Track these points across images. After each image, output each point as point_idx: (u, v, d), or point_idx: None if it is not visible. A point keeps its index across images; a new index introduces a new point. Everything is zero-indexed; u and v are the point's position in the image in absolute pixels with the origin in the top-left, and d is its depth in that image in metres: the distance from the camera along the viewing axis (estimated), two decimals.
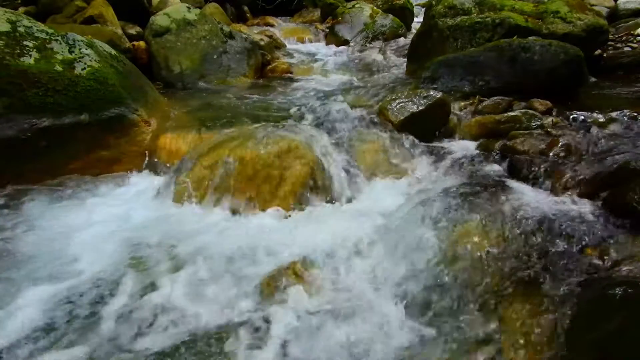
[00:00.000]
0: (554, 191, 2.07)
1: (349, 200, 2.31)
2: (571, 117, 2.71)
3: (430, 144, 2.83)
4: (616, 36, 4.34)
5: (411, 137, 2.78)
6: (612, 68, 3.91)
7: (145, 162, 2.74)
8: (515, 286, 1.51)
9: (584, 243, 1.66)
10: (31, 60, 2.46)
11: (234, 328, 1.50)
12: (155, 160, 2.73)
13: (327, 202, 2.27)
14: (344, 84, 4.13)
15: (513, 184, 2.20)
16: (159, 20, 4.46)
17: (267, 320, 1.54)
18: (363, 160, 2.58)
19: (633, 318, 1.26)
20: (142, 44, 4.36)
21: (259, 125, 2.83)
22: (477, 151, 2.62)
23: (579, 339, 1.27)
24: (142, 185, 2.57)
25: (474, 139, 2.81)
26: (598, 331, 1.27)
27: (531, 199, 2.02)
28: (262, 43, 5.21)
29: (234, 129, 2.83)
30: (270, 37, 5.64)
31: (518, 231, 1.76)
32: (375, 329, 1.50)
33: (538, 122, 2.67)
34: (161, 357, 1.38)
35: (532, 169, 2.22)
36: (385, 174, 2.55)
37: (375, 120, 2.88)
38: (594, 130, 2.47)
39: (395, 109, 2.83)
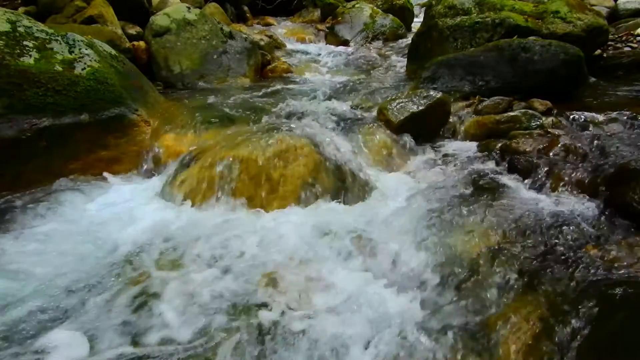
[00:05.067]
0: (554, 191, 2.07)
1: (349, 200, 2.31)
2: (571, 117, 2.71)
3: (430, 144, 2.83)
4: (616, 36, 4.34)
5: (411, 137, 2.78)
6: (612, 68, 3.91)
7: (145, 162, 2.74)
8: (514, 285, 1.51)
9: (584, 243, 1.66)
10: (31, 60, 2.46)
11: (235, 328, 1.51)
12: (155, 160, 2.73)
13: (327, 201, 2.27)
14: (343, 84, 4.13)
15: (513, 183, 2.20)
16: (159, 20, 4.46)
17: (266, 319, 1.54)
18: (363, 160, 2.58)
19: (633, 318, 1.26)
20: (142, 44, 4.36)
21: (258, 124, 2.83)
22: (477, 151, 2.62)
23: (579, 339, 1.27)
24: (142, 185, 2.57)
25: (474, 139, 2.81)
26: (598, 331, 1.27)
27: (531, 198, 2.02)
28: (262, 43, 5.20)
29: (234, 128, 2.83)
30: (270, 37, 5.64)
31: (518, 231, 1.76)
32: (373, 325, 1.50)
33: (538, 122, 2.68)
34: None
35: (532, 168, 2.22)
36: (386, 174, 2.55)
37: (375, 120, 2.88)
38: (594, 130, 2.47)
39: (395, 108, 2.83)
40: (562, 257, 1.59)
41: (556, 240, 1.68)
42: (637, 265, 1.50)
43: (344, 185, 2.34)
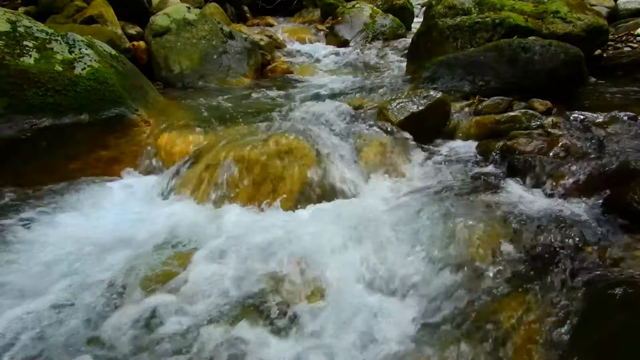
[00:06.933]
0: (554, 191, 2.07)
1: (349, 200, 2.31)
2: (571, 117, 2.71)
3: (430, 144, 2.83)
4: (616, 36, 4.34)
5: (411, 137, 2.78)
6: (612, 68, 3.91)
7: (145, 162, 2.74)
8: (514, 286, 1.51)
9: (584, 243, 1.66)
10: (31, 60, 2.46)
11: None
12: (155, 160, 2.72)
13: (327, 201, 2.26)
14: (343, 84, 4.13)
15: (513, 184, 2.20)
16: (159, 20, 4.46)
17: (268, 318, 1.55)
18: (363, 160, 2.57)
19: (633, 318, 1.26)
20: (142, 44, 4.36)
21: (259, 125, 2.83)
22: (477, 151, 2.62)
23: (579, 339, 1.27)
24: (142, 185, 2.57)
25: (474, 139, 2.81)
26: (598, 331, 1.27)
27: (531, 199, 2.02)
28: (262, 43, 5.20)
29: (234, 128, 2.83)
30: (270, 37, 5.63)
31: (517, 231, 1.76)
32: (372, 324, 1.51)
33: (538, 122, 2.67)
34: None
35: (532, 169, 2.22)
36: (385, 174, 2.55)
37: (375, 120, 2.88)
38: (594, 130, 2.47)
39: (395, 108, 2.83)
40: (562, 257, 1.59)
41: (556, 241, 1.68)
42: (637, 265, 1.50)
43: (343, 185, 2.34)
